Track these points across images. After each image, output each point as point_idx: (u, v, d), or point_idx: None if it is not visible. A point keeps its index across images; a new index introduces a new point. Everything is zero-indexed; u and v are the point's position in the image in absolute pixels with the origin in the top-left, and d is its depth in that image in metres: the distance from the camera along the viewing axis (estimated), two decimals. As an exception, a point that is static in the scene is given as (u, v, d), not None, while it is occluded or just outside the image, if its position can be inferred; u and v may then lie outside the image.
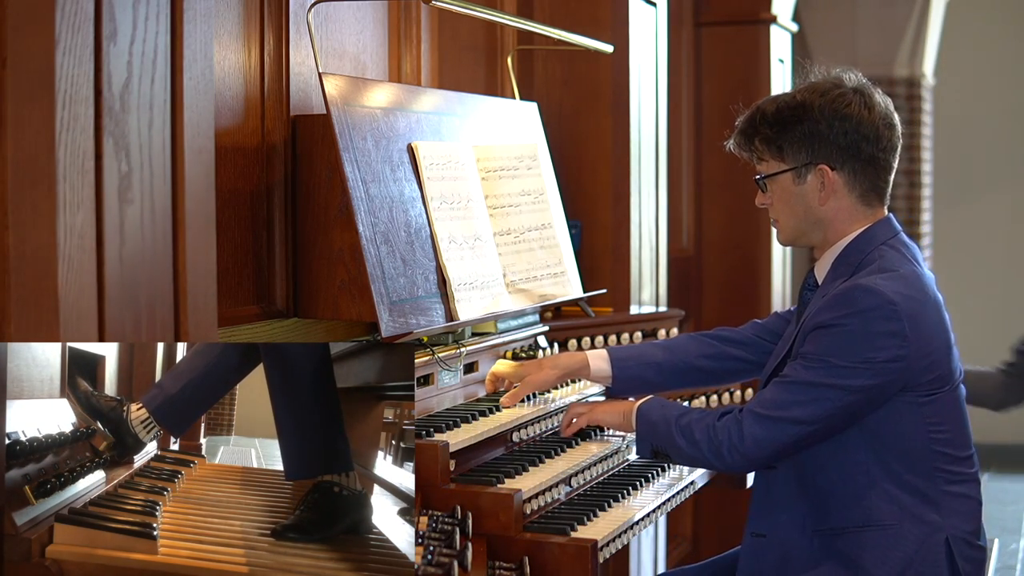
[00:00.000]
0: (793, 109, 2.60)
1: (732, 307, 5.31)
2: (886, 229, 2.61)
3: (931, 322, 2.50)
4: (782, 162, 2.62)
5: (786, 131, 2.60)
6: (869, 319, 2.44)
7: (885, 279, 2.49)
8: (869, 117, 2.57)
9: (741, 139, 2.68)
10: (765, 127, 2.62)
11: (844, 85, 2.61)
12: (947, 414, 2.53)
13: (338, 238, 2.76)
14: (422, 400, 2.93)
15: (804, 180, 2.60)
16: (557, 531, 2.49)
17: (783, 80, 5.50)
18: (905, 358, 2.45)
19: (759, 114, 2.65)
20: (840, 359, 2.45)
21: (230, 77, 2.68)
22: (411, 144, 2.91)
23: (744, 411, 2.54)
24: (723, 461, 2.56)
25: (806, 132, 2.58)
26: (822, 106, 2.57)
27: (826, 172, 2.57)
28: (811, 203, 2.61)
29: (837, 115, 2.56)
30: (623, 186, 4.08)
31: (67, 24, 1.75)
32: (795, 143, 2.59)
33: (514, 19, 3.54)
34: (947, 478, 2.52)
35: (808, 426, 2.48)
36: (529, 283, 3.24)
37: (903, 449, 2.51)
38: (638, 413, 2.74)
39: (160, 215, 1.94)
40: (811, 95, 2.60)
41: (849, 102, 2.57)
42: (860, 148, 2.57)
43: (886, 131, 2.59)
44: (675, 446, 2.64)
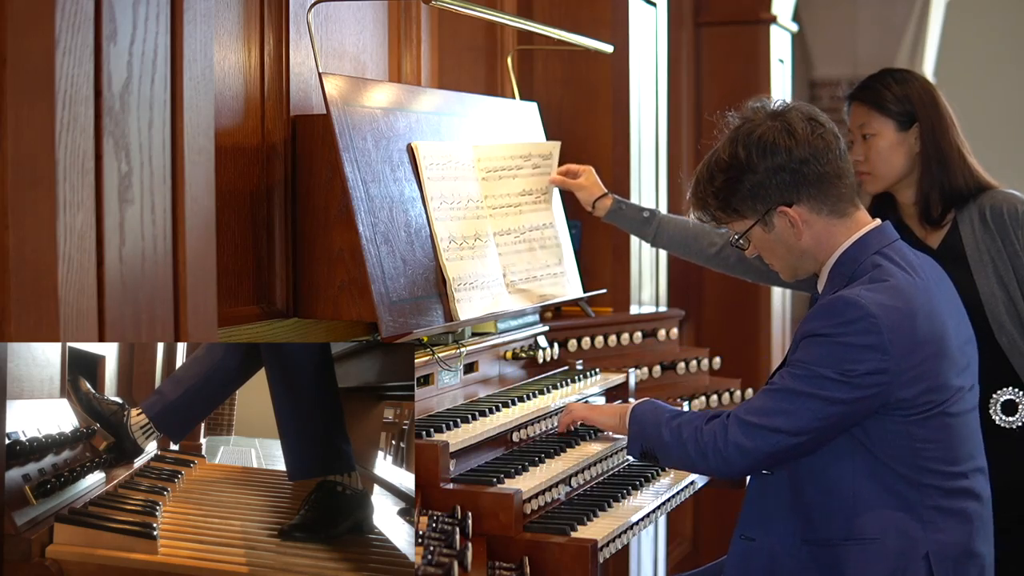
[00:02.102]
0: (726, 170, 2.58)
1: (732, 307, 5.31)
2: (880, 237, 2.59)
3: (919, 333, 2.46)
4: (744, 218, 2.61)
5: (731, 194, 2.58)
6: (849, 331, 2.43)
7: (870, 290, 2.46)
8: (796, 141, 2.53)
9: (699, 212, 2.69)
10: (712, 198, 2.62)
11: (759, 119, 2.58)
12: (941, 432, 2.48)
13: (338, 238, 2.76)
14: (422, 400, 2.93)
15: (772, 225, 2.58)
16: (557, 531, 2.49)
17: (783, 80, 5.50)
18: (886, 371, 2.42)
19: (700, 186, 2.64)
20: (822, 369, 2.44)
21: (230, 77, 2.68)
22: (411, 144, 2.91)
23: (731, 416, 2.53)
24: (708, 464, 2.56)
25: (748, 187, 2.56)
26: (748, 155, 2.54)
27: (786, 212, 2.56)
28: (789, 242, 2.59)
29: (766, 156, 2.53)
30: (623, 186, 4.09)
31: (67, 24, 1.75)
32: (745, 200, 2.57)
33: (514, 19, 3.54)
34: (939, 493, 2.49)
35: (790, 436, 2.46)
36: (529, 283, 3.24)
37: (891, 465, 2.48)
38: (631, 414, 2.74)
39: (160, 215, 1.94)
40: (735, 148, 2.57)
41: (772, 137, 2.54)
42: (804, 173, 2.54)
43: (818, 142, 2.54)
44: (663, 447, 2.64)
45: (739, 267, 3.37)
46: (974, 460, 2.56)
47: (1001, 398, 3.16)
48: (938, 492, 2.49)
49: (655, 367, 3.86)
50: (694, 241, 3.38)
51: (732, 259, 3.36)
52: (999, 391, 3.15)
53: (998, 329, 3.10)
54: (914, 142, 3.22)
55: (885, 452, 2.48)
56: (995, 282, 3.13)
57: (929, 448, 2.47)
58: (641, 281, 4.19)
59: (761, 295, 5.32)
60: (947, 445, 2.50)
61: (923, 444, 2.47)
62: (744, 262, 3.34)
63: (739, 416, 2.52)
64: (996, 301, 3.12)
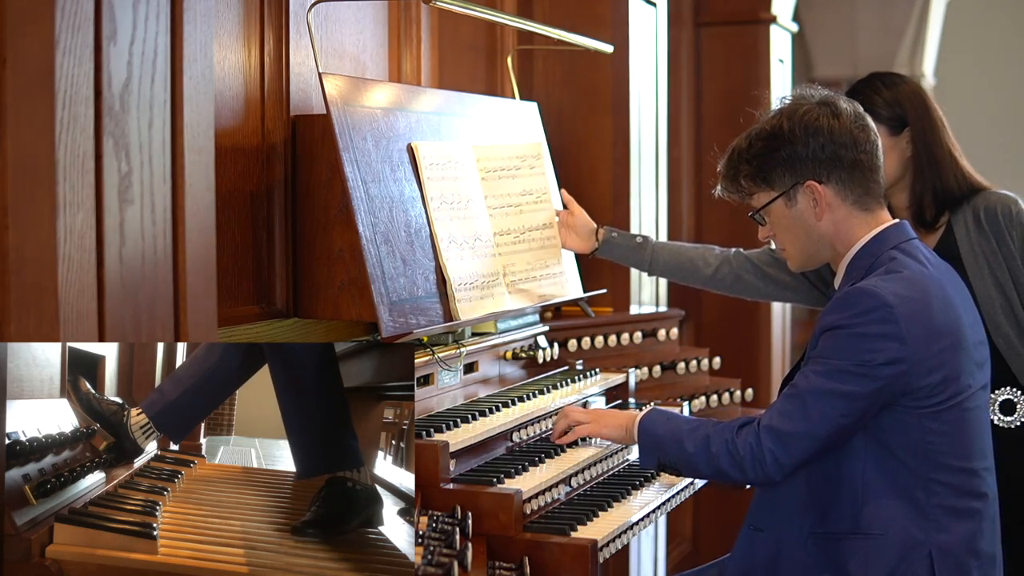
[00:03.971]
0: (766, 138, 2.63)
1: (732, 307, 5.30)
2: (898, 233, 2.61)
3: (936, 322, 2.48)
4: (771, 190, 2.63)
5: (766, 160, 2.62)
6: (865, 321, 2.44)
7: (885, 281, 2.49)
8: (840, 124, 2.59)
9: (727, 182, 2.72)
10: (745, 163, 2.65)
11: (808, 101, 2.64)
12: (954, 426, 2.49)
13: (338, 238, 2.76)
14: (422, 400, 2.93)
15: (796, 202, 2.61)
16: (557, 531, 2.49)
17: (783, 80, 5.50)
18: (904, 360, 2.43)
19: (736, 153, 2.68)
20: (841, 361, 2.45)
21: (230, 77, 2.68)
22: (411, 144, 2.91)
23: (761, 426, 2.53)
24: (746, 476, 2.55)
25: (785, 156, 2.60)
26: (792, 127, 2.60)
27: (815, 187, 2.58)
28: (809, 222, 2.62)
29: (809, 131, 2.59)
30: (623, 186, 4.09)
31: (67, 24, 1.75)
32: (777, 169, 2.61)
33: (514, 19, 3.54)
34: (948, 492, 2.49)
35: (819, 439, 2.47)
36: (529, 283, 3.24)
37: (902, 459, 2.48)
38: (640, 427, 2.72)
39: (160, 215, 1.94)
40: (779, 120, 2.62)
41: (817, 116, 2.60)
42: (840, 156, 2.58)
43: (860, 133, 2.60)
44: (688, 460, 2.62)
45: (736, 287, 3.39)
46: (985, 458, 2.57)
47: (999, 398, 3.16)
48: (947, 489, 2.49)
49: (655, 367, 3.86)
50: (689, 263, 3.41)
51: (728, 280, 3.38)
52: (997, 391, 3.15)
53: (994, 330, 3.11)
54: (906, 146, 3.22)
55: (898, 445, 2.48)
56: (991, 283, 3.14)
57: (942, 442, 2.48)
58: (641, 281, 4.19)
59: (761, 295, 5.31)
60: (959, 440, 2.50)
61: (936, 438, 2.48)
62: (740, 281, 3.36)
63: (769, 425, 2.52)
64: (992, 302, 3.12)
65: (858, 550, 2.49)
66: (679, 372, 3.96)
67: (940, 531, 2.48)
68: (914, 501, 2.48)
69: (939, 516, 2.49)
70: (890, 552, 2.47)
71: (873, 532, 2.49)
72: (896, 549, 2.47)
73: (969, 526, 2.51)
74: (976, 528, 2.52)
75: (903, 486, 2.49)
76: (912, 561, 2.46)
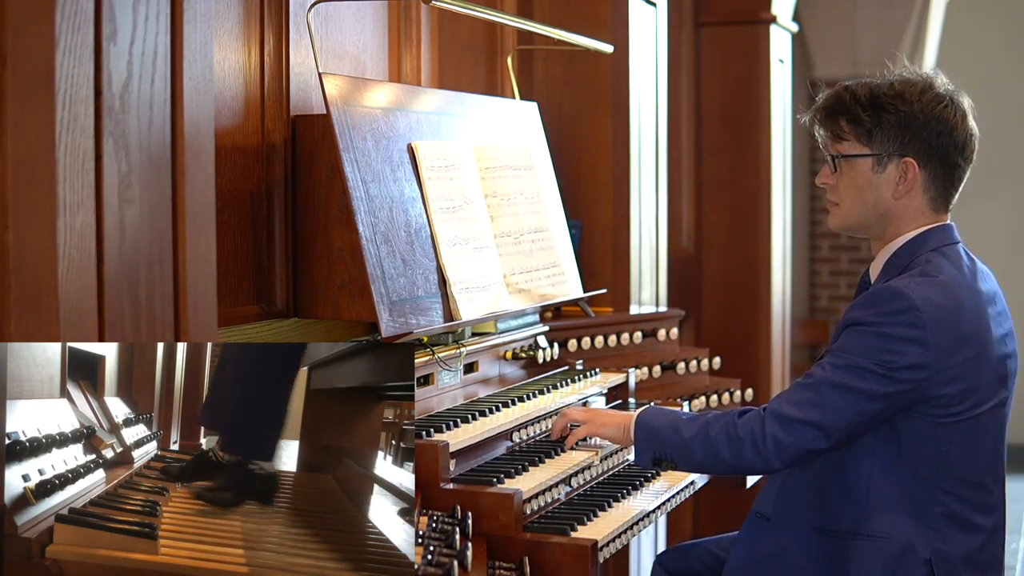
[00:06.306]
0: (891, 98, 2.54)
1: (732, 307, 5.32)
2: (942, 236, 2.56)
3: (963, 331, 2.43)
4: (867, 146, 2.56)
5: (880, 116, 2.54)
6: (891, 322, 2.40)
7: (918, 283, 2.44)
8: (962, 125, 2.55)
9: (823, 115, 2.61)
10: (858, 108, 2.56)
11: (937, 88, 2.58)
12: (968, 439, 2.46)
13: (338, 238, 2.76)
14: (422, 400, 2.93)
15: (883, 169, 2.54)
16: (557, 531, 2.49)
17: (783, 80, 5.50)
18: (925, 367, 2.40)
19: (850, 95, 2.58)
20: (861, 359, 2.41)
21: (230, 77, 2.68)
22: (411, 144, 2.91)
23: (767, 410, 2.49)
24: (743, 461, 2.50)
25: (900, 122, 2.53)
26: (919, 99, 2.54)
27: (912, 166, 2.53)
28: (884, 194, 2.55)
29: (934, 114, 2.53)
30: (623, 186, 4.09)
31: (67, 24, 1.75)
32: (886, 130, 2.54)
33: (514, 19, 3.55)
34: (955, 503, 2.47)
35: (827, 431, 2.43)
36: (529, 283, 3.24)
37: (912, 464, 2.46)
38: (637, 422, 2.67)
39: (160, 215, 1.94)
40: (909, 88, 2.56)
41: (946, 105, 2.55)
42: (947, 152, 2.54)
43: (971, 142, 2.57)
44: (684, 449, 2.57)
45: None
46: (995, 473, 2.53)
47: None
48: (954, 500, 2.47)
49: (655, 367, 3.86)
50: None
51: None
52: None
53: None
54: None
55: (909, 450, 2.45)
56: None
57: (954, 453, 2.45)
58: (641, 281, 4.19)
59: (761, 295, 5.32)
60: (972, 453, 2.47)
61: (948, 448, 2.45)
62: None
63: (776, 409, 2.47)
64: None
65: (860, 551, 2.48)
66: (679, 372, 3.96)
67: (942, 541, 2.46)
68: (920, 508, 2.46)
69: (943, 526, 2.46)
70: (890, 556, 2.45)
71: (875, 534, 2.47)
72: (896, 554, 2.45)
73: (973, 539, 2.49)
74: (980, 542, 2.50)
75: (910, 492, 2.46)
76: (910, 567, 2.45)
